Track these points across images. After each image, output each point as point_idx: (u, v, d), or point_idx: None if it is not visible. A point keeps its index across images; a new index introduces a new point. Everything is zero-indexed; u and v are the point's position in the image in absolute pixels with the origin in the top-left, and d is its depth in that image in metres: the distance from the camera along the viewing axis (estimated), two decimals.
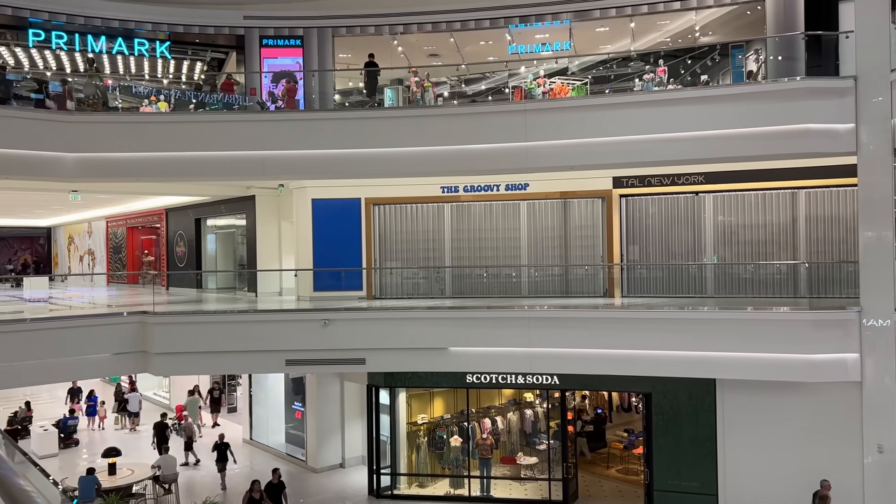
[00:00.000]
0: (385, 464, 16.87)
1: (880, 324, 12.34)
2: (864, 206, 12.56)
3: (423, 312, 14.91)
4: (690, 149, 13.38)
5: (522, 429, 17.32)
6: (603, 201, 16.85)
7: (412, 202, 17.47)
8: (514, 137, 14.07)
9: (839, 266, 14.73)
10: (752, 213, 15.84)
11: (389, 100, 16.08)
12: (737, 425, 14.37)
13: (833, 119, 12.65)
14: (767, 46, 15.36)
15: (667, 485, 14.81)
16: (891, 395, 12.37)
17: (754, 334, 13.04)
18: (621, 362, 13.78)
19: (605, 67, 17.99)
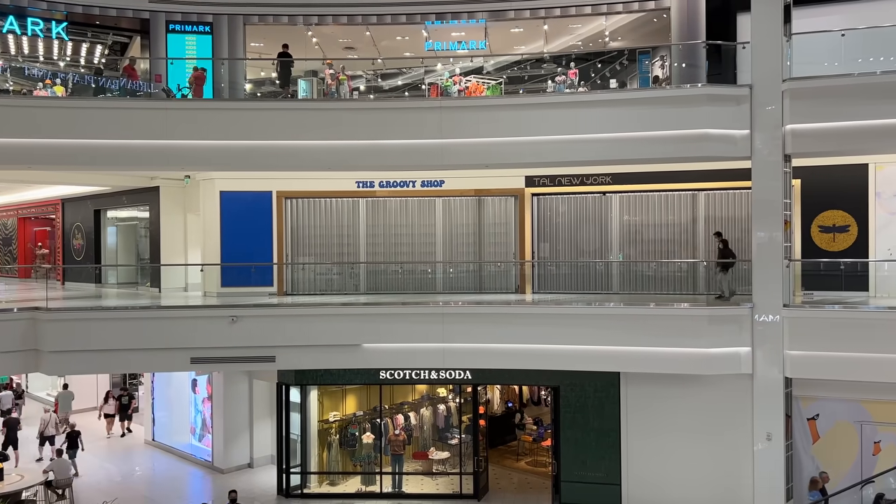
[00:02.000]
0: (295, 463, 16.57)
1: (770, 319, 13.14)
2: (757, 209, 13.32)
3: (336, 309, 14.72)
4: (599, 150, 13.79)
5: (435, 424, 17.42)
6: (516, 199, 17.15)
7: (326, 196, 17.20)
8: (430, 134, 14.08)
9: (735, 264, 15.56)
10: (656, 213, 16.53)
11: (303, 92, 15.77)
12: (639, 416, 14.98)
13: (731, 125, 13.34)
14: (672, 53, 16.04)
15: (573, 475, 15.28)
16: (778, 387, 13.21)
17: (656, 329, 13.62)
18: (532, 357, 14.09)
19: (519, 68, 18.32)
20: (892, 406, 13.75)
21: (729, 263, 14.51)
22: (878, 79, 12.68)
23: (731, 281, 14.57)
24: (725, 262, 14.50)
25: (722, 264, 14.56)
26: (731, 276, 14.57)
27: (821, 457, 14.26)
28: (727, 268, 14.54)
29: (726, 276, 14.54)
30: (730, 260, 14.51)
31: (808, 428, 14.36)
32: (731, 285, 14.55)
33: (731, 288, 14.53)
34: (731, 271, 14.61)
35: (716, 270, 14.94)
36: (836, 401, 14.11)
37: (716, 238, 14.81)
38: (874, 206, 14.87)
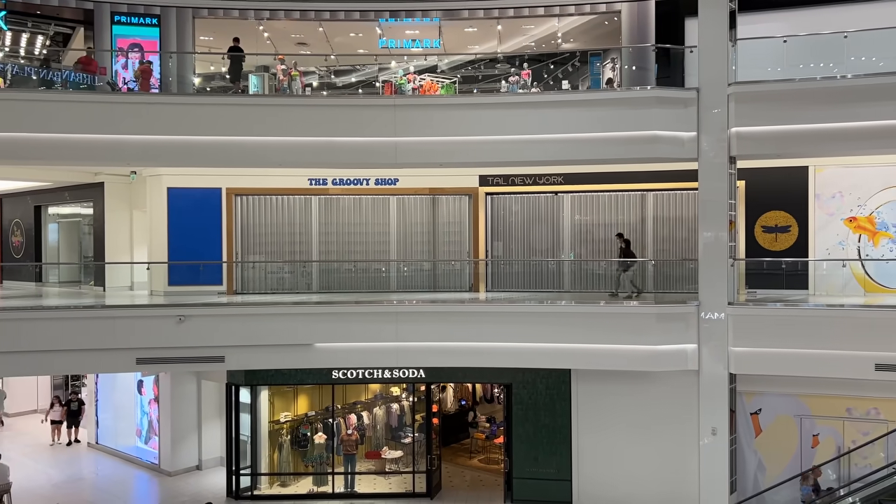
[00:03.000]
0: (245, 464, 16.30)
1: (716, 316, 13.51)
2: (703, 209, 13.67)
3: (287, 308, 14.53)
4: (552, 150, 13.94)
5: (388, 423, 17.37)
6: (470, 198, 17.21)
7: (277, 193, 16.96)
8: (384, 132, 14.01)
9: (682, 263, 15.98)
10: (606, 213, 16.81)
11: (254, 87, 15.48)
12: (590, 413, 15.21)
13: (678, 127, 13.65)
14: (622, 56, 16.33)
15: (525, 472, 15.43)
16: (723, 383, 13.58)
17: (606, 327, 13.86)
18: (485, 355, 14.17)
19: (473, 68, 18.39)
20: (830, 400, 14.29)
21: (630, 263, 15.04)
22: (818, 84, 13.15)
23: (633, 279, 15.08)
24: (627, 262, 15.02)
25: (623, 263, 15.05)
26: (632, 275, 15.09)
27: (763, 450, 14.73)
28: (628, 267, 15.03)
29: (627, 274, 15.04)
30: (630, 260, 15.06)
31: (751, 422, 14.82)
32: (635, 283, 15.09)
33: (636, 286, 15.06)
34: (633, 270, 15.15)
35: (617, 269, 15.39)
36: (777, 396, 14.60)
37: (618, 239, 15.32)
38: (814, 207, 15.41)
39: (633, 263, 15.20)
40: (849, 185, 15.17)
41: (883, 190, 14.97)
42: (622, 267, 15.15)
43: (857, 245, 15.17)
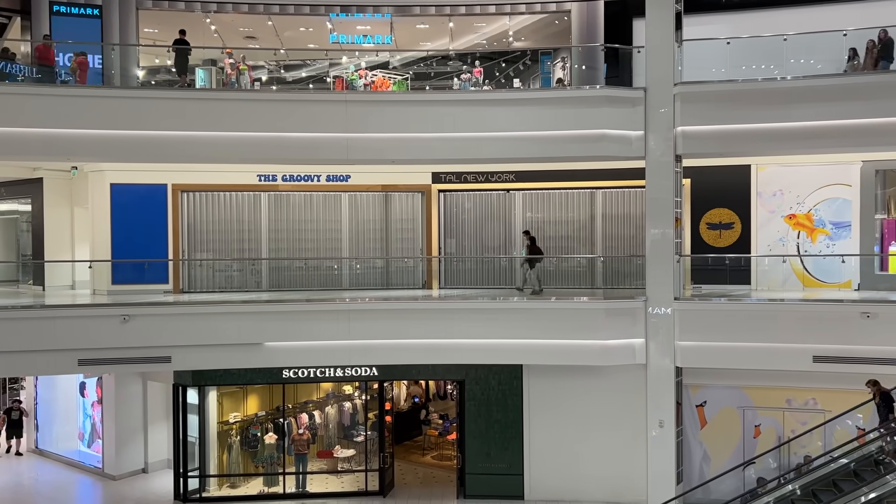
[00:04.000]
0: (193, 466, 15.96)
1: (662, 311, 13.83)
2: (650, 206, 13.97)
3: (236, 307, 14.27)
4: (504, 148, 14.06)
5: (341, 422, 17.23)
6: (422, 195, 17.21)
7: (225, 190, 16.62)
8: (335, 128, 13.91)
9: (629, 260, 16.29)
10: (557, 210, 17.02)
11: (201, 81, 15.17)
12: (541, 408, 15.38)
13: (627, 126, 13.93)
14: (572, 55, 16.53)
15: (477, 468, 15.52)
16: (670, 376, 13.92)
17: (557, 323, 14.06)
18: (438, 351, 14.22)
19: (425, 64, 18.35)
20: (771, 392, 14.78)
21: (535, 259, 15.28)
22: (759, 85, 13.58)
23: (538, 275, 15.30)
24: (532, 258, 15.25)
25: (529, 260, 15.29)
26: (537, 271, 15.32)
27: (708, 441, 15.15)
28: (533, 263, 15.26)
29: (533, 271, 15.28)
30: (536, 256, 15.31)
31: (697, 414, 15.22)
32: (540, 279, 15.31)
33: (540, 281, 15.30)
34: (538, 267, 15.38)
35: (522, 265, 15.63)
36: (721, 388, 15.02)
37: (524, 236, 15.60)
38: (756, 204, 15.90)
39: (539, 259, 15.41)
40: (789, 183, 15.70)
41: (820, 188, 15.53)
42: (528, 264, 15.34)
43: (796, 241, 15.71)
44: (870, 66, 13.55)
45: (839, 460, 12.32)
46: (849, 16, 14.97)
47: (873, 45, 13.59)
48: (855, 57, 13.73)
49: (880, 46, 13.52)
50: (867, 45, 13.65)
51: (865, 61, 13.64)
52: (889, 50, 13.48)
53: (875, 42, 13.58)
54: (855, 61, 13.72)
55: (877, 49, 13.53)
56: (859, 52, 13.72)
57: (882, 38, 13.53)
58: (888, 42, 13.50)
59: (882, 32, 13.56)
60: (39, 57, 14.37)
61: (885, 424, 11.49)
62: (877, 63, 13.50)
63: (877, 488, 10.69)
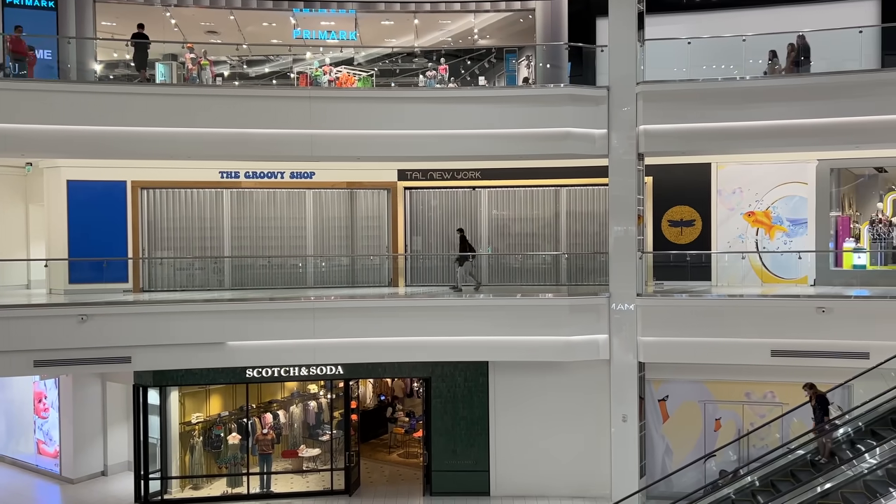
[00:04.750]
0: (155, 468, 15.67)
1: (625, 307, 14.01)
2: (613, 204, 14.14)
3: (198, 305, 14.07)
4: (469, 146, 14.09)
5: (306, 421, 17.09)
6: (388, 193, 17.15)
7: (186, 187, 16.34)
8: (299, 124, 13.79)
9: (593, 256, 16.47)
10: (522, 207, 17.11)
11: (162, 76, 14.88)
12: (507, 404, 15.46)
13: (590, 124, 14.07)
14: (536, 54, 16.62)
15: (444, 465, 15.53)
16: (632, 371, 14.12)
17: (522, 319, 14.15)
18: (405, 349, 14.21)
19: (390, 61, 18.29)
20: (731, 385, 15.07)
21: (466, 257, 15.34)
22: (719, 85, 13.83)
23: (472, 272, 15.45)
24: (463, 256, 15.32)
25: (459, 257, 15.36)
26: (469, 268, 15.43)
27: (670, 435, 15.39)
28: (464, 261, 15.35)
29: (463, 268, 15.36)
30: (468, 253, 15.38)
31: (659, 409, 15.44)
32: (473, 275, 15.46)
33: (472, 279, 15.41)
34: (470, 264, 15.48)
35: (455, 263, 15.69)
36: (683, 382, 15.26)
37: (457, 234, 15.67)
38: (716, 202, 16.20)
39: (469, 257, 15.43)
40: (747, 181, 16.03)
41: (778, 186, 15.90)
42: (458, 261, 15.37)
43: (755, 238, 16.05)
44: (789, 69, 13.97)
45: (796, 451, 12.62)
46: (805, 17, 15.36)
47: (792, 49, 14.05)
48: (775, 59, 14.12)
49: (798, 50, 13.97)
50: (787, 49, 14.10)
51: (788, 62, 14.06)
52: (806, 53, 13.96)
53: (794, 45, 14.03)
54: (775, 63, 14.14)
55: (794, 52, 13.98)
56: (779, 54, 14.15)
57: (800, 43, 13.99)
58: (805, 46, 13.96)
59: (799, 38, 14.00)
60: (13, 49, 13.92)
61: (819, 427, 11.76)
62: (795, 65, 13.96)
63: (832, 478, 10.97)
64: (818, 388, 12.12)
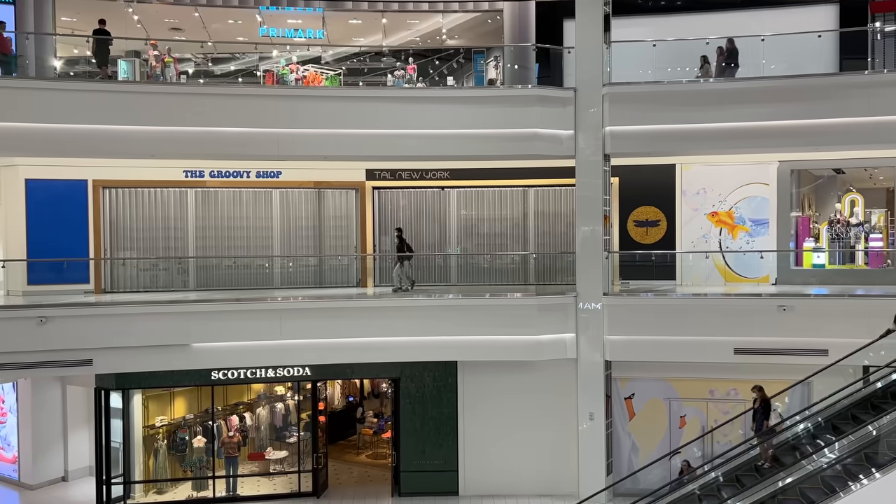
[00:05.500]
0: (117, 472, 15.37)
1: (592, 307, 14.15)
2: (580, 204, 14.28)
3: (162, 307, 13.84)
4: (438, 146, 14.11)
5: (273, 423, 16.92)
6: (356, 192, 17.06)
7: (150, 186, 16.06)
8: (265, 123, 13.68)
9: (561, 256, 16.58)
10: (490, 207, 17.17)
11: (124, 73, 14.59)
12: (476, 404, 15.49)
13: (557, 125, 14.19)
14: (504, 55, 16.68)
15: (412, 465, 15.51)
16: (599, 370, 14.27)
17: (491, 319, 14.21)
18: (373, 350, 14.15)
19: (358, 60, 18.20)
20: (695, 383, 15.31)
21: (405, 257, 15.27)
22: (684, 87, 14.07)
23: (409, 273, 15.31)
24: (402, 256, 15.23)
25: (399, 257, 15.29)
26: (407, 269, 15.31)
27: (636, 432, 15.58)
28: (403, 261, 15.30)
29: (402, 268, 15.24)
30: (406, 254, 15.30)
31: (625, 406, 15.62)
32: (409, 276, 15.32)
33: (410, 279, 15.31)
34: (408, 264, 15.38)
35: (394, 264, 15.58)
36: (648, 380, 15.47)
37: (395, 233, 15.59)
38: (680, 202, 16.44)
39: (407, 258, 15.35)
40: (711, 182, 16.30)
41: (740, 187, 16.19)
42: (398, 261, 15.30)
43: (718, 238, 16.34)
44: (719, 72, 14.28)
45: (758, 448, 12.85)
46: (767, 21, 15.69)
47: (721, 53, 14.35)
48: (706, 63, 14.42)
49: (727, 54, 14.26)
50: (716, 53, 14.41)
51: (718, 65, 14.37)
52: (734, 57, 14.26)
53: (722, 49, 14.33)
54: (706, 67, 14.42)
55: (723, 57, 14.29)
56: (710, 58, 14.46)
57: (728, 47, 14.29)
58: (733, 50, 14.27)
59: (728, 42, 14.30)
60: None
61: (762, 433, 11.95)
62: (724, 69, 14.26)
63: (793, 473, 11.20)
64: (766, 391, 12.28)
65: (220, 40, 18.18)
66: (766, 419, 11.97)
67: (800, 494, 10.72)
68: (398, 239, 15.38)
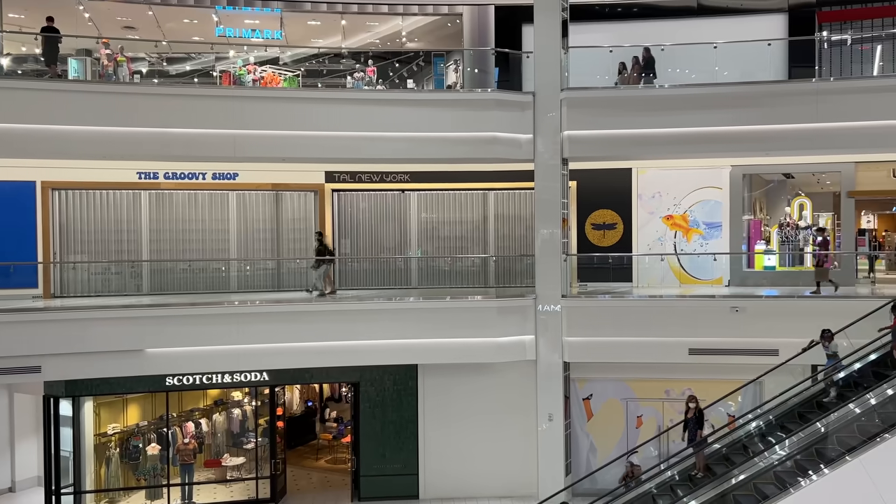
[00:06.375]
0: (68, 482, 14.92)
1: (551, 308, 14.27)
2: (539, 207, 14.40)
3: (114, 311, 13.49)
4: (398, 148, 14.09)
5: (230, 429, 16.64)
6: (316, 195, 16.92)
7: (102, 188, 15.66)
8: (222, 124, 13.47)
9: (521, 259, 16.70)
10: (451, 210, 17.21)
11: (74, 72, 14.20)
12: (436, 407, 15.48)
13: (517, 129, 14.29)
14: (464, 58, 16.76)
15: (372, 469, 15.42)
16: (558, 371, 14.39)
17: (451, 321, 14.22)
18: (333, 354, 14.03)
19: (317, 62, 18.06)
20: (651, 383, 15.57)
21: (325, 260, 15.07)
22: (639, 93, 14.32)
23: (327, 276, 15.13)
24: (321, 259, 15.06)
25: (317, 260, 15.15)
26: (324, 272, 15.15)
27: (594, 433, 15.77)
28: (321, 264, 15.16)
29: (318, 271, 15.10)
30: (326, 257, 15.08)
31: (584, 407, 15.81)
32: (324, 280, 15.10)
33: (323, 284, 15.05)
34: (328, 267, 15.22)
35: (313, 267, 15.39)
36: (606, 381, 15.68)
37: (315, 237, 15.44)
38: (637, 206, 16.73)
39: (325, 261, 15.12)
40: (666, 186, 16.63)
41: (694, 191, 16.55)
42: (315, 264, 15.16)
43: (673, 241, 16.67)
44: (635, 80, 14.60)
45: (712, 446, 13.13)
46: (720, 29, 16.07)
47: (636, 62, 14.68)
48: (624, 70, 14.76)
49: (643, 63, 14.62)
50: (633, 61, 14.73)
51: (631, 75, 14.71)
52: (651, 66, 14.63)
53: (638, 59, 14.67)
54: (624, 74, 14.74)
55: (639, 66, 14.63)
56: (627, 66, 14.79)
57: (645, 56, 14.64)
58: (650, 59, 14.63)
59: (645, 51, 14.65)
60: None
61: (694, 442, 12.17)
62: (640, 77, 14.61)
63: (745, 470, 11.47)
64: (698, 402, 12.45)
65: (175, 40, 17.86)
66: (699, 429, 12.17)
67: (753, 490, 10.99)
68: (318, 242, 15.13)
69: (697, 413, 12.17)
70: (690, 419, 12.17)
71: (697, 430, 12.08)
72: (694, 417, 12.13)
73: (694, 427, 12.09)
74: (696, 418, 12.14)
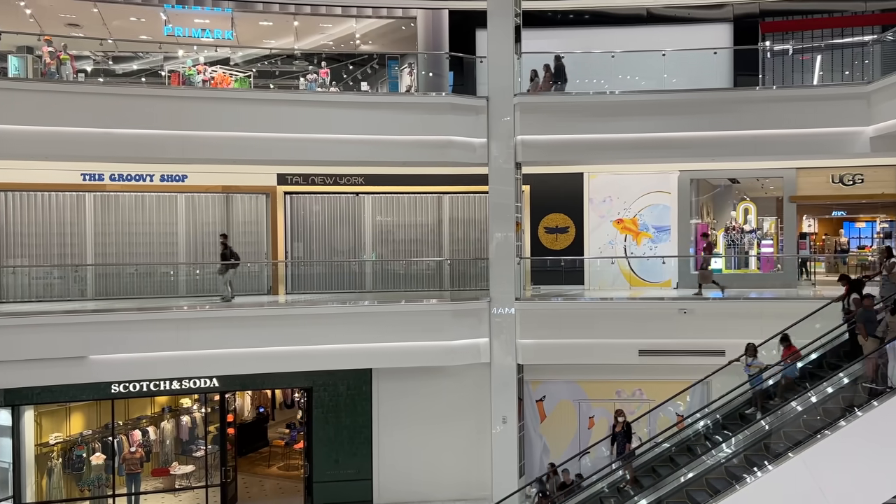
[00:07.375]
0: (6, 495, 14.34)
1: (505, 311, 14.36)
2: (493, 211, 14.48)
3: (55, 317, 13.04)
4: (351, 151, 14.00)
5: (178, 437, 16.26)
6: (267, 197, 16.69)
7: (43, 189, 15.13)
8: (170, 125, 13.18)
9: (475, 262, 16.75)
10: (406, 214, 17.17)
11: (15, 70, 13.72)
12: (390, 411, 15.41)
13: (471, 133, 14.36)
14: (419, 62, 16.78)
15: (325, 475, 15.25)
16: (512, 373, 14.48)
17: (406, 325, 14.19)
18: (285, 359, 13.85)
19: (269, 63, 17.85)
20: (603, 384, 15.81)
21: (231, 265, 14.71)
22: (591, 98, 14.55)
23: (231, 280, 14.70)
24: (227, 264, 14.69)
25: (224, 265, 14.77)
26: (230, 276, 14.68)
27: (547, 434, 15.92)
28: (227, 269, 14.77)
29: (226, 276, 14.69)
30: (231, 262, 14.69)
31: (537, 409, 15.95)
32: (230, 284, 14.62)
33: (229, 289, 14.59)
34: (233, 272, 14.80)
35: (219, 271, 14.93)
36: (559, 382, 15.85)
37: (220, 239, 14.95)
38: (588, 210, 16.98)
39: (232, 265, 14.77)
40: (617, 190, 16.93)
41: (644, 195, 16.88)
42: (222, 269, 14.79)
43: (623, 244, 16.97)
44: (546, 86, 14.85)
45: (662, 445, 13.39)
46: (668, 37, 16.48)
47: (547, 70, 14.91)
48: (536, 77, 15.03)
49: (553, 71, 14.89)
50: (543, 69, 14.93)
51: (543, 82, 14.96)
52: (561, 73, 14.90)
53: (549, 66, 14.89)
54: (536, 81, 14.97)
55: (550, 74, 14.88)
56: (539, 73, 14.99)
57: (555, 64, 14.89)
58: (560, 67, 14.90)
59: (556, 60, 14.89)
60: None
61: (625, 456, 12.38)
62: (552, 83, 14.86)
63: (694, 468, 11.71)
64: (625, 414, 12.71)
65: (121, 38, 17.39)
66: (627, 442, 12.40)
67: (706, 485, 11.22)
68: (222, 245, 14.65)
69: (625, 426, 12.38)
70: (619, 433, 12.36)
71: (626, 444, 12.28)
72: (622, 431, 12.34)
73: (622, 440, 12.28)
74: (625, 432, 12.34)
